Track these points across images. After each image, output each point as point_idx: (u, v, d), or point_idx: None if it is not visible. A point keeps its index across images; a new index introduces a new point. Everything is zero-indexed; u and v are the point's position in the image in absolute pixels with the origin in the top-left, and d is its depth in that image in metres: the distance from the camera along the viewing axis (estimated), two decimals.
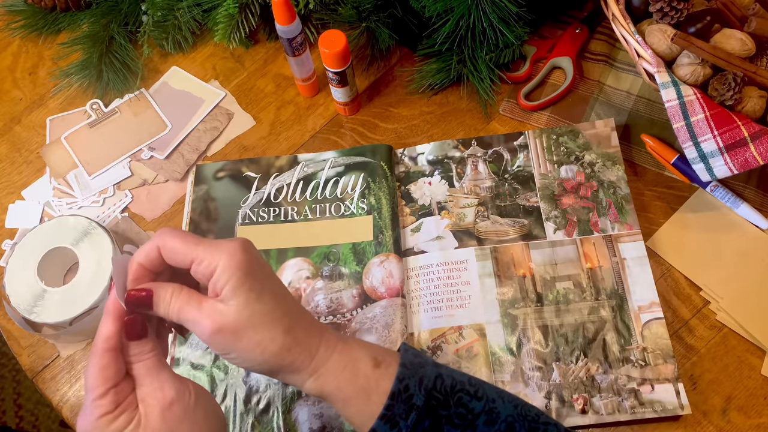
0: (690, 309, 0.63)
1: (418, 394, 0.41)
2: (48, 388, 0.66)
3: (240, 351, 0.41)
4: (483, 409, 0.42)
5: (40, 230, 0.67)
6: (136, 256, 0.43)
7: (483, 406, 0.42)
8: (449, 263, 0.65)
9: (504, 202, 0.68)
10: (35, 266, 0.65)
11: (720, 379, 0.60)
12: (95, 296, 0.64)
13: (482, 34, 0.71)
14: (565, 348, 0.60)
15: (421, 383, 0.42)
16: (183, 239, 0.42)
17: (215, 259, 0.41)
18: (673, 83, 0.60)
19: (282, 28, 0.66)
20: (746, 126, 0.58)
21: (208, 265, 0.41)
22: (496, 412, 0.42)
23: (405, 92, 0.77)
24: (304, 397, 0.61)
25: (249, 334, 0.41)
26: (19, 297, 0.64)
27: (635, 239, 0.64)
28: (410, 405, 0.41)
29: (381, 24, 0.75)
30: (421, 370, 0.43)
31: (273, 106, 0.78)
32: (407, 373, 0.42)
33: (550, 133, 0.71)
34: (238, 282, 0.41)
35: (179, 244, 0.42)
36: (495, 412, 0.42)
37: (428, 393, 0.41)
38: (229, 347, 0.41)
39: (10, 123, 0.81)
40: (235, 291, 0.41)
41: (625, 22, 0.64)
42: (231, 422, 0.61)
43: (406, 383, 0.41)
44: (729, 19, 0.64)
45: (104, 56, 0.81)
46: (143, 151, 0.76)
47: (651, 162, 0.70)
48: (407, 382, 0.42)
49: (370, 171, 0.71)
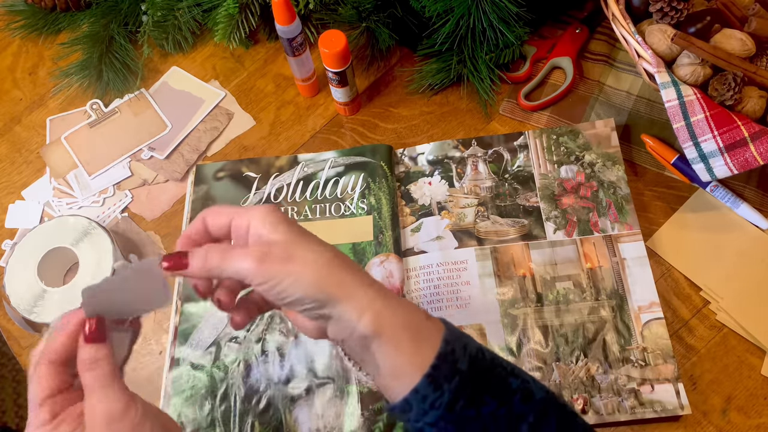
0: (690, 309, 0.63)
1: (462, 359, 0.41)
2: None
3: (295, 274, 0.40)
4: (519, 387, 0.41)
5: (40, 230, 0.67)
6: (184, 232, 0.45)
7: (519, 384, 0.42)
8: (449, 263, 0.65)
9: (504, 202, 0.68)
10: (35, 266, 0.65)
11: (720, 379, 0.60)
12: None
13: (482, 34, 0.71)
14: (565, 348, 0.60)
15: (465, 349, 0.41)
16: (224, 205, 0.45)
17: (251, 210, 0.43)
18: (673, 83, 0.60)
19: (282, 28, 0.66)
20: (746, 126, 0.58)
21: (245, 216, 0.43)
22: (530, 392, 0.42)
23: (405, 92, 0.77)
24: (304, 397, 0.61)
25: (302, 253, 0.41)
26: (19, 297, 0.64)
27: (635, 239, 0.64)
28: (455, 369, 0.40)
29: (381, 24, 0.75)
30: (465, 338, 0.43)
31: (273, 106, 0.78)
32: (453, 338, 0.42)
33: (550, 133, 0.71)
34: (276, 220, 0.42)
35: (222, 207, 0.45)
36: (529, 391, 0.42)
37: (471, 360, 0.41)
38: (282, 272, 0.40)
39: (10, 123, 0.81)
40: (275, 226, 0.42)
41: (625, 22, 0.64)
42: (231, 422, 0.61)
43: (452, 347, 0.41)
44: (729, 19, 0.64)
45: (104, 56, 0.81)
46: (143, 151, 0.76)
47: (651, 162, 0.70)
48: (453, 345, 0.41)
49: (370, 171, 0.71)
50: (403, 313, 0.42)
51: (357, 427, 0.59)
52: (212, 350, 0.64)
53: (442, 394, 0.40)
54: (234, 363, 0.63)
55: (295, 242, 0.41)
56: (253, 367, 0.63)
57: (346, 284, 0.41)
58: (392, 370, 0.41)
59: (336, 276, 0.41)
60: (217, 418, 0.61)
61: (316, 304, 0.41)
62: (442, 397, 0.40)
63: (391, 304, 0.42)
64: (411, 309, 0.43)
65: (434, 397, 0.40)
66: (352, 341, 0.42)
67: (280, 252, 0.41)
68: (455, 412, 0.40)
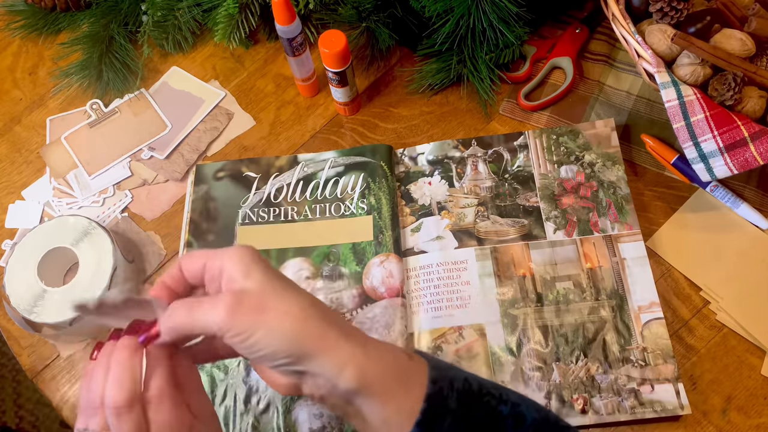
0: (690, 309, 0.63)
1: (451, 397, 0.39)
2: (48, 388, 0.66)
3: (267, 326, 0.37)
4: (510, 413, 0.41)
5: (40, 230, 0.67)
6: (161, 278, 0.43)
7: (510, 410, 0.41)
8: (449, 263, 0.65)
9: (504, 202, 0.68)
10: (35, 266, 0.65)
11: (720, 379, 0.60)
12: (95, 296, 0.64)
13: (482, 34, 0.71)
14: (565, 348, 0.60)
15: (452, 386, 0.40)
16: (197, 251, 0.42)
17: (224, 251, 0.41)
18: (673, 83, 0.60)
19: (282, 28, 0.66)
20: (746, 126, 0.58)
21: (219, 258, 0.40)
22: (521, 416, 0.41)
23: (405, 92, 0.77)
24: (304, 397, 0.61)
25: (275, 303, 0.38)
26: (19, 297, 0.64)
27: (635, 239, 0.64)
28: (446, 409, 0.39)
29: (381, 24, 0.75)
30: (451, 371, 0.41)
31: (273, 106, 0.78)
32: (438, 375, 0.40)
33: (550, 133, 0.71)
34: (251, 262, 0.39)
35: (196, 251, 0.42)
36: (521, 415, 0.41)
37: (459, 395, 0.40)
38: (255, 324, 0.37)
39: (10, 123, 0.81)
40: (250, 270, 0.39)
41: (625, 22, 0.64)
42: (231, 422, 0.61)
43: (439, 385, 0.39)
44: (729, 19, 0.64)
45: (104, 56, 0.81)
46: (143, 151, 0.76)
47: (651, 162, 0.70)
48: (440, 384, 0.39)
49: (370, 171, 0.71)
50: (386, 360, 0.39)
51: None
52: None
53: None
54: (234, 363, 0.63)
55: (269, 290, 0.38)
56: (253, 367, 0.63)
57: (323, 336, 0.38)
58: (381, 421, 0.39)
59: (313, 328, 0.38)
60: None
61: (291, 359, 0.38)
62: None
63: (373, 352, 0.39)
64: (393, 354, 0.40)
65: None
66: (333, 397, 0.40)
67: (253, 301, 0.38)
68: None
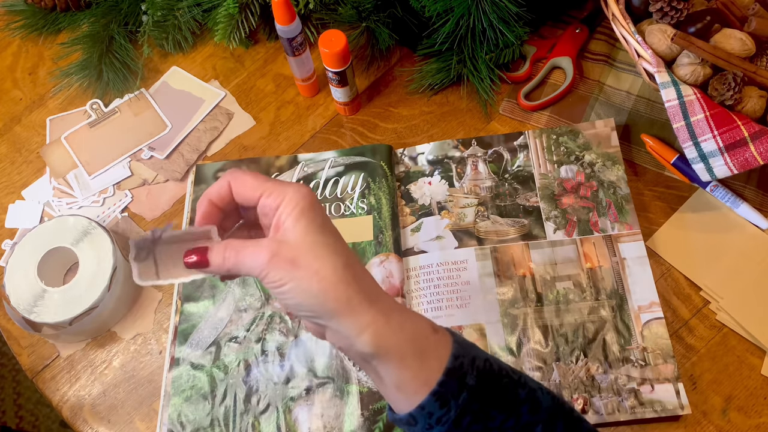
0: (690, 309, 0.63)
1: (470, 374, 0.40)
2: (48, 388, 0.66)
3: (297, 280, 0.39)
4: (527, 397, 0.41)
5: (40, 230, 0.67)
6: (207, 194, 0.43)
7: (526, 394, 0.41)
8: (449, 263, 0.65)
9: (504, 202, 0.68)
10: (35, 266, 0.65)
11: (720, 379, 0.60)
12: (95, 296, 0.64)
13: (482, 34, 0.71)
14: (565, 348, 0.60)
15: (473, 363, 0.40)
16: (254, 174, 0.42)
17: (283, 191, 0.41)
18: (673, 83, 0.60)
19: (282, 28, 0.66)
20: (746, 126, 0.58)
21: (276, 197, 0.41)
22: (538, 402, 0.41)
23: (405, 92, 0.77)
24: (304, 397, 0.61)
25: (308, 260, 0.39)
26: (19, 297, 0.64)
27: (635, 239, 0.64)
28: (463, 384, 0.39)
29: (381, 24, 0.75)
30: (474, 350, 0.42)
31: (273, 106, 0.78)
32: (461, 351, 0.41)
33: (550, 133, 0.71)
34: (301, 212, 0.40)
35: (250, 178, 0.42)
36: (537, 401, 0.41)
37: (480, 373, 0.40)
38: (286, 276, 0.39)
39: (10, 123, 0.81)
40: (298, 219, 0.40)
41: (625, 22, 0.64)
42: (231, 422, 0.61)
43: (460, 361, 0.40)
44: (729, 19, 0.64)
45: (104, 56, 0.81)
46: (143, 151, 0.76)
47: (651, 162, 0.70)
48: (462, 360, 0.40)
49: (370, 171, 0.71)
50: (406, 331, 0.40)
51: (357, 427, 0.59)
52: (212, 350, 0.64)
53: (448, 410, 0.39)
54: (234, 363, 0.63)
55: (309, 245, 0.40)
56: (253, 367, 0.63)
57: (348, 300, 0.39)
58: (396, 383, 0.40)
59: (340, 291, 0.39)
60: (217, 418, 0.61)
61: (314, 314, 0.40)
62: (449, 413, 0.39)
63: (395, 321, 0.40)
64: (416, 325, 0.41)
65: (440, 413, 0.39)
66: (351, 354, 0.41)
67: (287, 254, 0.39)
68: (462, 428, 0.39)
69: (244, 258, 0.40)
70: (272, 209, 0.41)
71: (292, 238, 0.40)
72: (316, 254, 0.39)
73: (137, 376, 0.65)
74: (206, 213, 0.43)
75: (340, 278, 0.39)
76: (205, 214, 0.43)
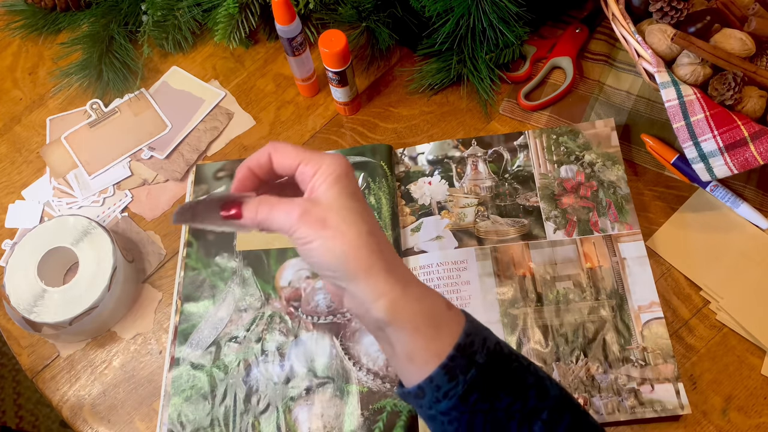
0: (690, 309, 0.63)
1: (480, 353, 0.41)
2: (48, 388, 0.66)
3: (323, 239, 0.41)
4: (535, 383, 0.42)
5: (40, 230, 0.67)
6: (246, 162, 0.45)
7: (535, 381, 0.42)
8: (449, 263, 0.65)
9: (504, 202, 0.68)
10: (35, 266, 0.65)
11: (720, 379, 0.60)
12: (95, 296, 0.64)
13: (482, 34, 0.71)
14: (565, 348, 0.60)
15: (484, 343, 0.42)
16: (294, 145, 0.45)
17: (321, 159, 0.43)
18: (673, 83, 0.60)
19: (282, 27, 0.66)
20: (746, 126, 0.58)
21: (314, 165, 0.43)
22: (545, 389, 0.42)
23: (405, 92, 0.77)
24: (304, 397, 0.61)
25: (336, 222, 0.41)
26: (19, 297, 0.64)
27: (635, 239, 0.64)
28: (472, 361, 0.40)
29: (381, 24, 0.75)
30: (486, 332, 0.43)
31: (273, 106, 0.78)
32: (473, 330, 0.42)
33: (550, 133, 0.71)
34: (336, 180, 0.42)
35: (291, 148, 0.44)
36: (545, 388, 0.42)
37: (490, 354, 0.41)
38: (314, 234, 0.41)
39: (10, 123, 0.81)
40: (331, 186, 0.42)
41: (625, 22, 0.64)
42: (231, 422, 0.61)
43: (471, 339, 0.41)
44: (729, 18, 0.64)
45: (104, 56, 0.81)
46: (143, 151, 0.76)
47: (651, 162, 0.70)
48: (473, 338, 0.41)
49: (371, 171, 0.71)
50: (422, 303, 0.42)
51: (357, 427, 0.59)
52: (212, 350, 0.64)
53: (456, 385, 0.40)
54: (234, 363, 0.63)
55: (338, 208, 0.42)
56: (253, 367, 0.63)
57: (369, 266, 0.41)
58: (408, 353, 0.41)
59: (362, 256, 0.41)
60: (217, 418, 0.61)
61: (335, 275, 0.41)
62: (456, 388, 0.40)
63: (411, 292, 0.42)
64: (432, 299, 0.42)
65: (448, 387, 0.40)
66: (366, 320, 0.43)
67: (318, 213, 0.41)
68: (468, 404, 0.40)
69: (277, 213, 0.42)
70: (309, 176, 0.43)
71: (324, 200, 0.42)
72: (344, 217, 0.41)
73: (137, 376, 0.65)
74: (243, 177, 0.45)
75: (364, 243, 0.41)
76: (242, 178, 0.45)
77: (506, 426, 0.40)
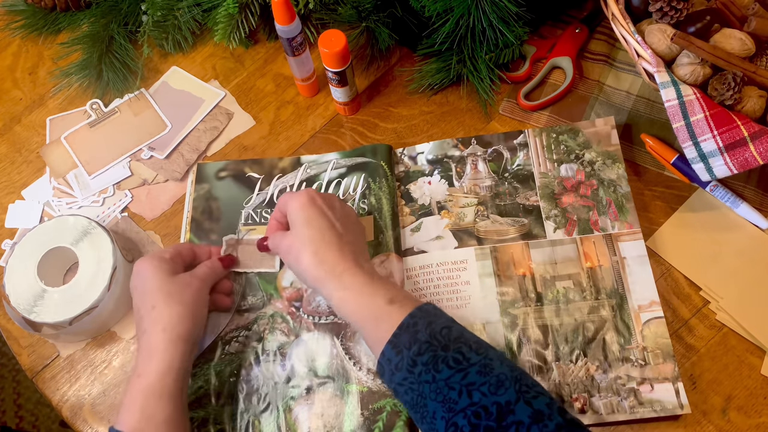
0: (690, 309, 0.63)
1: (423, 332, 0.50)
2: (48, 388, 0.66)
3: (292, 262, 0.58)
4: (478, 362, 0.48)
5: (40, 230, 0.67)
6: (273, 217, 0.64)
7: (479, 360, 0.48)
8: (449, 263, 0.66)
9: (504, 201, 0.68)
10: (35, 266, 0.65)
11: (720, 378, 0.60)
12: (95, 296, 0.64)
13: (482, 34, 0.71)
14: (564, 347, 0.60)
15: (429, 326, 0.50)
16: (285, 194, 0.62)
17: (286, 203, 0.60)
18: (672, 83, 0.60)
19: (282, 28, 0.66)
20: (746, 126, 0.58)
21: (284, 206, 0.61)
22: (490, 367, 0.48)
23: (405, 92, 0.77)
24: (305, 397, 0.61)
25: (295, 251, 0.57)
26: (19, 297, 0.64)
27: (635, 238, 0.64)
28: (415, 338, 0.49)
29: (381, 24, 0.75)
30: (434, 318, 0.51)
31: (273, 106, 0.78)
32: (419, 315, 0.51)
33: (550, 132, 0.71)
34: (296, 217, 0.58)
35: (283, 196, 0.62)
36: (489, 367, 0.48)
37: (432, 334, 0.50)
38: (289, 260, 0.58)
39: (10, 123, 0.81)
40: (294, 223, 0.58)
41: (625, 21, 0.64)
42: (231, 421, 0.61)
43: (415, 320, 0.51)
44: (729, 18, 0.64)
45: (104, 56, 0.81)
46: (143, 151, 0.76)
47: (651, 162, 0.70)
48: (417, 320, 0.51)
49: (371, 171, 0.71)
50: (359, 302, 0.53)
51: (357, 427, 0.59)
52: (213, 349, 0.64)
53: (402, 358, 0.49)
54: (235, 362, 0.63)
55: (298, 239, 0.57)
56: (254, 366, 0.63)
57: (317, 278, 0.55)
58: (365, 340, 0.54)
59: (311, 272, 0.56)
60: (217, 418, 0.61)
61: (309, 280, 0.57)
62: (402, 360, 0.49)
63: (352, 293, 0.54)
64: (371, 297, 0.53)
65: (397, 360, 0.50)
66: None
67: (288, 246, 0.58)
68: (415, 375, 0.48)
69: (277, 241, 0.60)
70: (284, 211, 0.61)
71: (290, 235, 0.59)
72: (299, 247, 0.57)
73: None
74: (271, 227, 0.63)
75: (309, 261, 0.56)
76: (270, 227, 0.63)
77: (447, 395, 0.47)
